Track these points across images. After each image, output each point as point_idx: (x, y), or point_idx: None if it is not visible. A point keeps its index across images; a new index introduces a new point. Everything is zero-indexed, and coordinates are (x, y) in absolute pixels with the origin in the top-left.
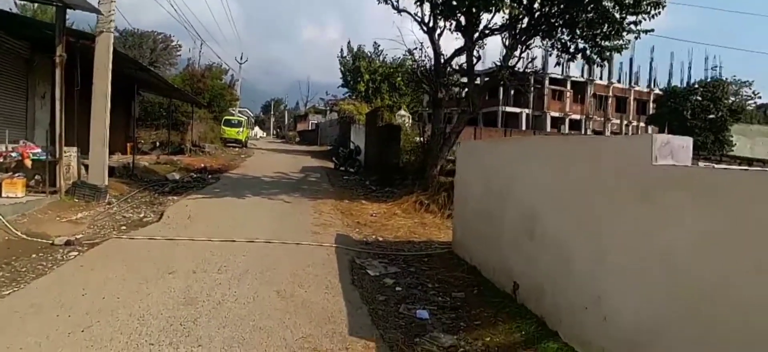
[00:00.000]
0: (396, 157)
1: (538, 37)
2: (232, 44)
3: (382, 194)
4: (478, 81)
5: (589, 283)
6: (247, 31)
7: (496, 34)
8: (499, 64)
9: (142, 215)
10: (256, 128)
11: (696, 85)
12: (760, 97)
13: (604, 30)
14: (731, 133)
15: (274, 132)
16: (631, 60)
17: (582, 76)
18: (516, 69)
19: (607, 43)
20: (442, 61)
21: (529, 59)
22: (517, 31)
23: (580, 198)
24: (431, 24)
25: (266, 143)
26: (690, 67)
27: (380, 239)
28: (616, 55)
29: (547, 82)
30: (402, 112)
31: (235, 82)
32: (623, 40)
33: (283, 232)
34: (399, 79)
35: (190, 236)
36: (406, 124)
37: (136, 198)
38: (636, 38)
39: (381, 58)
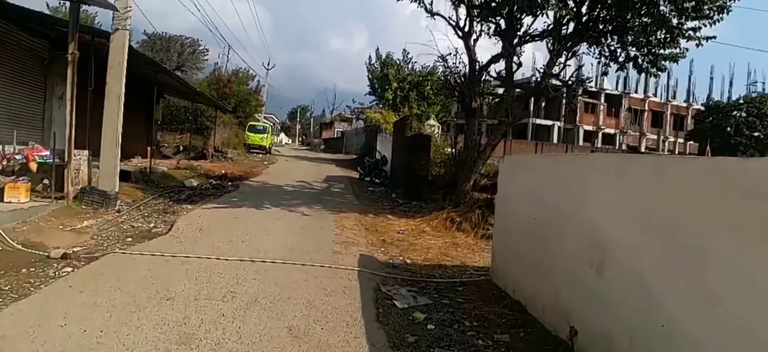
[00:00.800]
0: (425, 169)
1: (584, 43)
2: (259, 51)
3: (410, 209)
4: (517, 90)
5: (688, 344)
6: (276, 38)
7: (537, 40)
8: (542, 70)
9: (151, 225)
10: (282, 135)
11: (740, 100)
12: None
13: (660, 37)
14: None
15: (300, 139)
16: (668, 73)
17: (616, 88)
18: (560, 77)
19: (662, 51)
20: (477, 68)
21: (576, 67)
22: (562, 36)
23: (679, 232)
24: (467, 28)
25: (291, 150)
26: (731, 83)
27: (408, 260)
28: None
29: (579, 93)
30: (431, 121)
31: (261, 88)
32: (680, 48)
33: (301, 250)
34: (428, 87)
35: (197, 253)
36: (436, 135)
37: (149, 206)
38: (697, 46)
39: (410, 66)
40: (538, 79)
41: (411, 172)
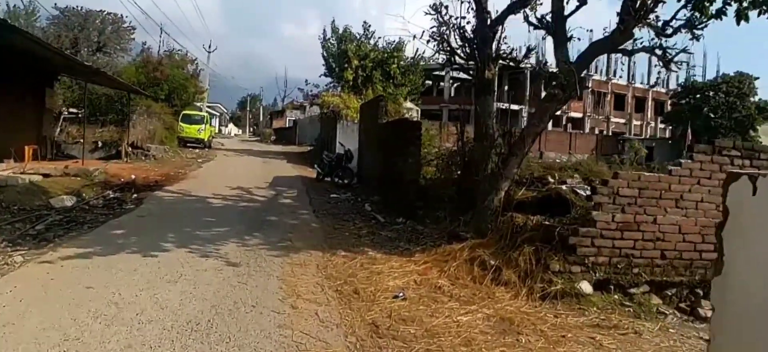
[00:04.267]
0: (415, 172)
1: None
2: (204, 38)
3: (398, 234)
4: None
5: None
6: (227, 25)
7: None
8: (619, 13)
9: None
10: (231, 125)
11: (718, 80)
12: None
13: None
14: (759, 133)
15: (251, 130)
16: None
17: None
18: (654, 21)
19: None
20: (489, 21)
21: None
22: None
23: None
24: None
25: (238, 143)
26: (688, 65)
27: None
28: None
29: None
30: (408, 104)
31: (200, 72)
32: None
33: None
34: (394, 66)
35: None
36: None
37: None
38: None
39: (372, 41)
40: (620, 26)
41: (392, 176)
